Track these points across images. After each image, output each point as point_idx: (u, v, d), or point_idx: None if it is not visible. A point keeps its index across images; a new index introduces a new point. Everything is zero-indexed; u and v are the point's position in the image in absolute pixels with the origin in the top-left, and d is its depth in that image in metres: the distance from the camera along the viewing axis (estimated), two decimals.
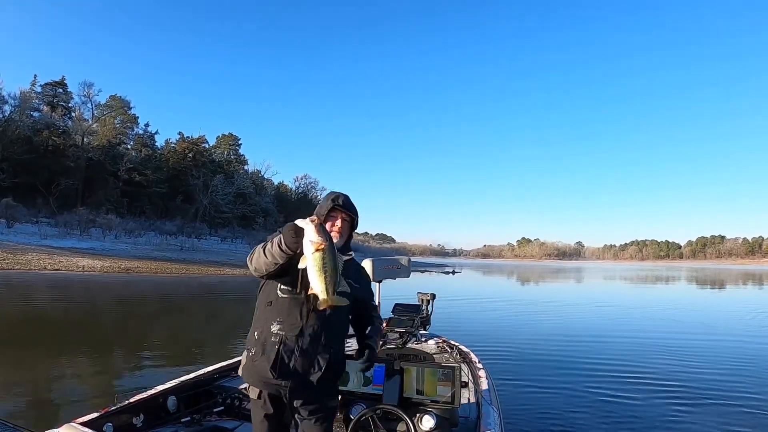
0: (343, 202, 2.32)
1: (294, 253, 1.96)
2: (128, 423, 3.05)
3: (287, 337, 2.13)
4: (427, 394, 2.90)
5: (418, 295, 5.56)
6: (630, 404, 6.33)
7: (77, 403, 5.66)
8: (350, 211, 2.35)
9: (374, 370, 2.93)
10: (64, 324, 12.29)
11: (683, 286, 40.56)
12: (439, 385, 2.90)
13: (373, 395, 2.92)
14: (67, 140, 50.63)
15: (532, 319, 15.98)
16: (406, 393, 2.91)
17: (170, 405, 3.39)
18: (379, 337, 2.45)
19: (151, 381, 4.52)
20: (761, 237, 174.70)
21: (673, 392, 6.97)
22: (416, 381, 2.92)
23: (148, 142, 61.83)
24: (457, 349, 4.86)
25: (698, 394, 6.91)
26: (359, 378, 2.97)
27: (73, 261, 29.91)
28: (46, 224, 41.97)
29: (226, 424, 3.34)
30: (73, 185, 48.94)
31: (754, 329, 14.55)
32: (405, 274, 4.49)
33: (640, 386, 7.24)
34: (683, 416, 5.95)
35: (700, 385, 7.46)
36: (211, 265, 37.33)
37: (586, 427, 5.42)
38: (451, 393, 2.86)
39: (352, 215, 2.37)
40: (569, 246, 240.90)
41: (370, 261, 4.05)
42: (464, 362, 4.46)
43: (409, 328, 4.94)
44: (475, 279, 48.31)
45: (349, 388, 2.98)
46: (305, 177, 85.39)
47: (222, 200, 61.06)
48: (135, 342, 10.12)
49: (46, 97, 55.30)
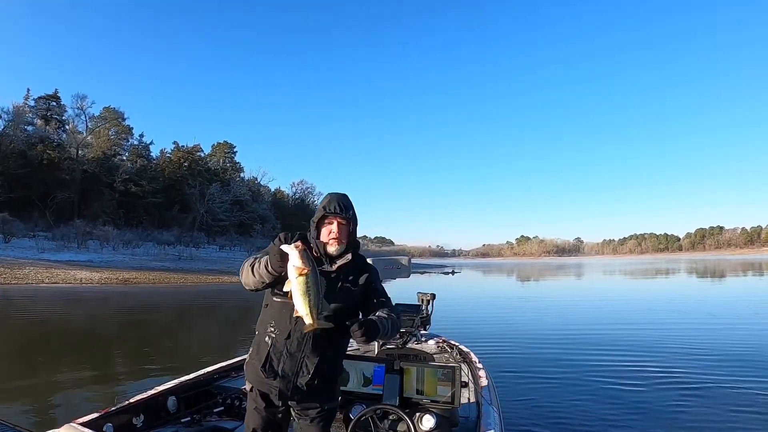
0: (335, 208, 2.27)
1: (279, 275, 2.07)
2: (128, 423, 3.05)
3: (277, 339, 2.23)
4: (427, 394, 2.90)
5: (418, 295, 5.56)
6: (633, 401, 6.31)
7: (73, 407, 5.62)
8: (344, 214, 2.29)
9: (374, 370, 2.94)
10: (58, 336, 12.24)
11: (684, 278, 40.56)
12: (439, 385, 2.90)
13: (373, 395, 2.93)
14: (62, 153, 50.45)
15: (533, 317, 15.97)
16: (406, 393, 2.91)
17: (170, 405, 3.40)
18: (393, 330, 2.29)
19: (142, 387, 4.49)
20: (759, 226, 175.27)
21: (679, 385, 6.96)
22: (416, 381, 2.92)
23: (143, 153, 61.62)
24: (457, 349, 4.87)
25: (703, 386, 6.89)
26: (359, 378, 2.98)
27: (70, 274, 29.81)
28: (43, 238, 41.83)
29: (226, 424, 3.34)
30: (69, 198, 48.74)
31: (758, 317, 14.58)
32: (405, 274, 4.50)
33: (644, 381, 7.21)
34: (688, 408, 5.94)
35: (705, 377, 7.43)
36: (209, 273, 37.30)
37: (587, 426, 5.39)
38: (451, 393, 2.86)
39: (348, 218, 2.30)
40: (568, 242, 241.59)
41: (370, 261, 4.04)
42: (464, 362, 4.47)
43: (409, 328, 4.95)
44: (474, 279, 48.32)
45: (349, 388, 2.98)
46: (302, 182, 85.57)
47: (219, 208, 60.94)
48: (130, 353, 10.05)
49: (39, 111, 55.18)
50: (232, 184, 65.39)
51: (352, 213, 2.32)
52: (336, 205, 2.28)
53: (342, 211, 2.28)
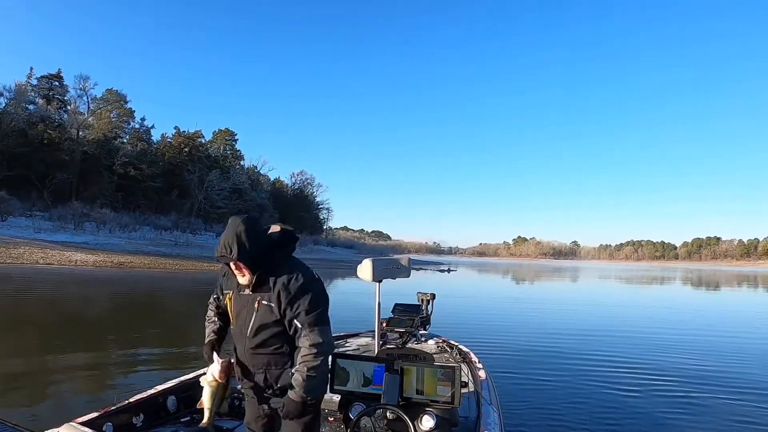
0: (220, 252, 2.19)
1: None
2: (128, 423, 3.05)
3: (237, 350, 2.44)
4: (427, 394, 2.87)
5: (418, 295, 5.61)
6: (631, 402, 6.37)
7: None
8: (230, 257, 2.16)
9: (374, 370, 2.92)
10: (44, 317, 12.21)
11: (686, 289, 40.72)
12: (439, 385, 2.86)
13: (372, 395, 2.89)
14: (63, 133, 50.24)
15: (532, 318, 16.02)
16: (406, 393, 2.88)
17: (170, 405, 3.40)
18: (319, 381, 2.21)
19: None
20: (756, 239, 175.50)
21: (677, 390, 7.03)
22: (416, 381, 2.89)
23: (144, 137, 61.38)
24: (457, 349, 4.88)
25: (701, 393, 6.96)
26: (359, 378, 2.94)
27: (65, 255, 29.74)
28: (40, 218, 41.74)
29: (226, 424, 3.30)
30: (68, 179, 48.64)
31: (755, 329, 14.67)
32: (405, 274, 4.50)
33: (642, 384, 7.30)
34: (684, 412, 6.01)
35: (701, 381, 7.58)
36: (205, 260, 37.18)
37: (586, 425, 5.42)
38: (451, 393, 2.83)
39: (236, 259, 2.17)
40: (565, 245, 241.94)
41: (370, 261, 4.04)
42: (464, 362, 4.47)
43: (409, 328, 4.97)
44: (470, 278, 48.40)
45: (349, 388, 2.95)
46: (301, 173, 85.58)
47: (217, 195, 60.92)
48: (113, 338, 10.01)
49: (41, 90, 54.88)
50: (231, 171, 65.33)
51: (237, 252, 2.15)
52: (220, 249, 2.19)
53: (226, 254, 2.17)
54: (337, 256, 68.07)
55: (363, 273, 4.00)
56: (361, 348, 4.95)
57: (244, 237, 2.16)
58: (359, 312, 10.36)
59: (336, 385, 2.92)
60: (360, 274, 4.02)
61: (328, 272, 40.08)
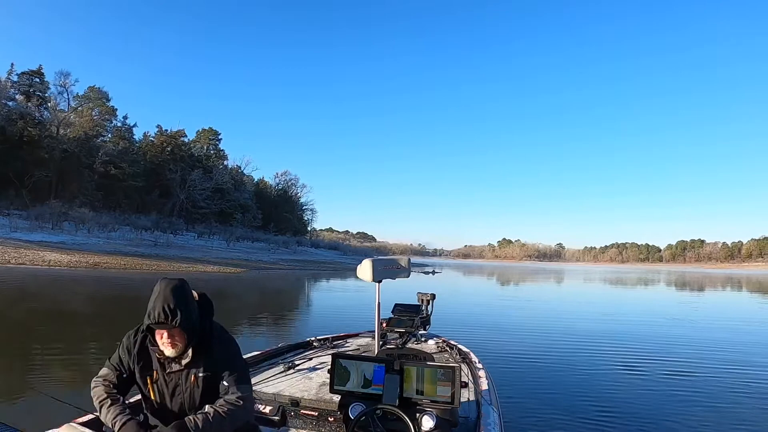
0: (157, 317, 1.97)
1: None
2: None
3: (160, 422, 2.25)
4: (427, 394, 2.84)
5: (418, 295, 5.66)
6: (630, 401, 6.42)
7: None
8: (170, 324, 1.99)
9: (374, 370, 2.89)
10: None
11: (674, 291, 41.36)
12: (439, 385, 2.84)
13: (373, 395, 2.85)
14: (43, 131, 49.27)
15: (531, 319, 16.08)
16: (406, 393, 2.84)
17: None
18: (219, 426, 2.05)
19: None
20: (740, 242, 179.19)
21: (678, 390, 7.11)
22: (416, 381, 2.86)
23: (126, 135, 60.30)
24: (457, 349, 4.90)
25: (700, 387, 7.13)
26: (359, 378, 2.91)
27: (39, 255, 29.02)
28: (17, 217, 40.76)
29: None
30: (47, 177, 47.69)
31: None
32: (405, 275, 4.56)
33: (642, 384, 7.38)
34: (685, 410, 6.08)
35: (701, 379, 7.73)
36: (184, 261, 36.61)
37: (586, 425, 5.44)
38: (451, 393, 2.80)
39: (176, 326, 2.00)
40: (550, 247, 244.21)
41: (370, 261, 4.07)
42: (464, 362, 4.48)
43: (408, 328, 5.02)
44: (454, 279, 48.61)
45: (349, 388, 2.92)
46: (285, 173, 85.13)
47: (199, 195, 60.35)
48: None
49: (21, 87, 53.57)
50: (214, 171, 64.80)
51: (181, 317, 2.00)
52: (160, 313, 1.97)
53: (167, 321, 1.98)
54: (321, 257, 67.74)
55: (363, 273, 4.01)
56: (361, 348, 4.93)
57: (186, 302, 2.05)
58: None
59: (336, 385, 2.90)
60: (360, 274, 4.03)
61: (309, 274, 39.91)
